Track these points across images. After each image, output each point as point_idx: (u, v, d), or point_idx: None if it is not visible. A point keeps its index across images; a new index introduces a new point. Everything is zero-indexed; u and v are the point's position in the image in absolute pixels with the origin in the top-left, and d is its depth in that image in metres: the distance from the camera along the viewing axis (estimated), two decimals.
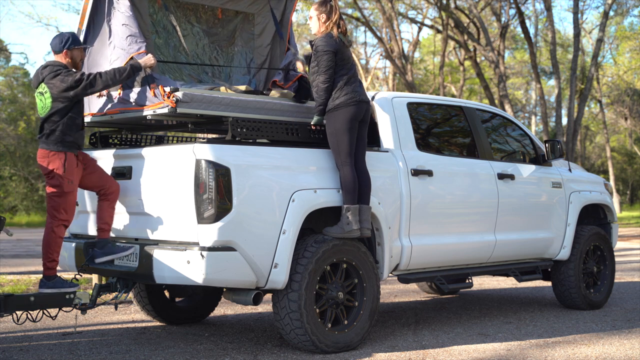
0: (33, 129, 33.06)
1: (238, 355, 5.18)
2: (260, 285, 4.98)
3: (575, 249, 7.14)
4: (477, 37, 26.70)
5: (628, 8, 32.35)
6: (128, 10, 5.30)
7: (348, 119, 5.28)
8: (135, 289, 6.25)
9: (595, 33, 34.05)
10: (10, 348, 5.43)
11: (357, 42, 36.01)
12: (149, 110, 5.08)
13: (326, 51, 5.31)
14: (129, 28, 5.27)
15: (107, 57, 5.38)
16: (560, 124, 26.29)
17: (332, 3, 5.44)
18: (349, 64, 5.45)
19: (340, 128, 5.27)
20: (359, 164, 5.33)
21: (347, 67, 5.41)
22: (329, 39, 5.36)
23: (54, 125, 5.10)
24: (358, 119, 5.34)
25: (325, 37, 5.38)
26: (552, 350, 5.43)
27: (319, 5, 5.46)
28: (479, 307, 7.49)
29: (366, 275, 5.37)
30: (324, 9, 5.44)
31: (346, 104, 5.28)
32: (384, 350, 5.34)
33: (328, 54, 5.31)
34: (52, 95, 5.09)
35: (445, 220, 6.09)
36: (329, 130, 5.33)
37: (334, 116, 5.30)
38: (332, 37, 5.38)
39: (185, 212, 4.85)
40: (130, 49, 5.23)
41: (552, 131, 34.41)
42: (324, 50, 5.32)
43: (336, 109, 5.29)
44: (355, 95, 5.33)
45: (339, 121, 5.27)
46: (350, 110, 5.28)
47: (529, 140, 7.17)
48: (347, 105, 5.28)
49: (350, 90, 5.33)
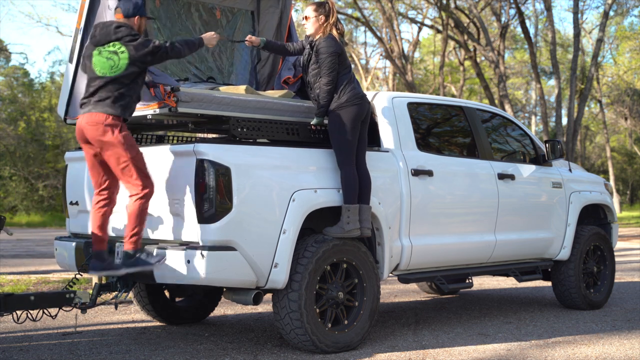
0: (33, 129, 33.07)
1: (238, 355, 5.18)
2: (260, 284, 4.98)
3: (575, 249, 7.14)
4: (477, 37, 26.70)
5: (628, 8, 32.38)
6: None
7: (352, 118, 5.29)
8: (135, 288, 6.25)
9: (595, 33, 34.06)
10: (10, 348, 5.43)
11: (357, 42, 36.04)
12: (149, 109, 5.08)
13: (331, 53, 5.32)
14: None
15: None
16: (560, 124, 26.29)
17: (329, 4, 5.45)
18: (349, 64, 5.48)
19: (344, 127, 5.27)
20: (360, 164, 5.34)
21: (348, 68, 5.45)
22: (332, 41, 5.37)
23: (123, 89, 4.79)
24: (361, 118, 5.35)
25: (328, 39, 5.38)
26: (552, 350, 5.43)
27: (317, 6, 5.46)
28: (479, 307, 7.49)
29: (366, 275, 5.37)
30: (322, 10, 5.44)
31: (351, 103, 5.30)
32: (384, 350, 5.34)
33: (333, 56, 5.32)
34: (130, 57, 4.79)
35: (446, 220, 6.09)
36: (332, 128, 5.33)
37: (338, 115, 5.30)
38: (334, 39, 5.39)
39: (186, 212, 4.85)
40: None
41: (552, 131, 34.40)
42: (329, 52, 5.33)
43: (340, 108, 5.30)
44: (359, 95, 5.35)
45: (343, 120, 5.28)
46: (354, 109, 5.30)
47: (529, 140, 7.17)
48: (352, 105, 5.30)
49: (352, 89, 5.35)
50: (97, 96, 4.83)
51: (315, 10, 5.45)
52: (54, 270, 10.43)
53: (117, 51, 4.82)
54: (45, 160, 32.68)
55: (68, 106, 5.58)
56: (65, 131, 32.15)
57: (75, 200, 5.71)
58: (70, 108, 5.57)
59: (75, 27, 5.52)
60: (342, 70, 5.39)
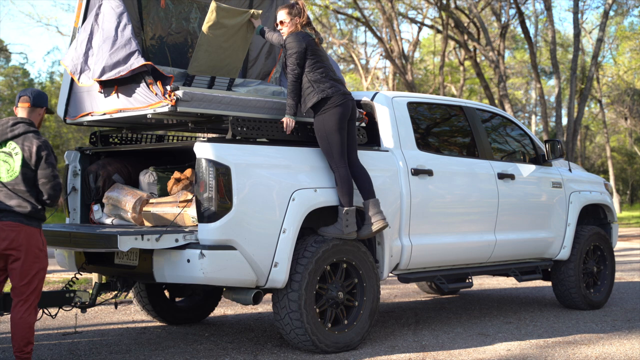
0: None
1: (238, 355, 5.17)
2: (260, 284, 4.97)
3: (575, 249, 7.13)
4: (477, 37, 26.69)
5: (628, 8, 32.35)
6: (115, 9, 5.20)
7: (337, 119, 5.22)
8: (136, 288, 6.24)
9: (595, 33, 34.04)
10: (10, 348, 5.42)
11: (357, 42, 36.02)
12: (149, 109, 5.07)
13: (291, 54, 5.24)
14: (114, 27, 5.15)
15: (94, 56, 5.29)
16: (560, 124, 26.29)
17: (299, 5, 5.40)
18: (320, 59, 5.33)
19: (330, 130, 5.21)
20: (353, 161, 5.30)
21: (319, 64, 5.31)
22: (295, 37, 5.29)
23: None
24: (347, 118, 5.30)
25: (291, 37, 5.31)
26: (552, 350, 5.42)
27: (289, 9, 5.40)
28: (479, 307, 7.49)
29: (366, 275, 5.36)
30: (294, 11, 5.38)
31: (333, 104, 5.22)
32: (384, 350, 5.34)
33: (293, 56, 5.24)
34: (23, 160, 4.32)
35: (445, 220, 6.09)
36: (319, 133, 5.27)
37: (322, 119, 5.24)
38: (298, 35, 5.30)
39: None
40: (119, 48, 5.10)
41: (552, 131, 34.41)
42: (290, 52, 5.25)
43: (324, 112, 5.23)
44: (338, 93, 5.26)
45: (328, 123, 5.22)
46: (337, 110, 5.23)
47: (529, 140, 7.17)
48: (334, 106, 5.23)
49: (330, 87, 5.25)
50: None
51: (289, 14, 5.39)
52: (54, 270, 10.42)
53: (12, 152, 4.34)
54: None
55: (67, 106, 5.57)
56: (65, 131, 32.15)
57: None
58: (69, 108, 5.57)
59: (73, 27, 5.52)
60: (312, 66, 5.29)
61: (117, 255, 5.25)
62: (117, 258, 5.25)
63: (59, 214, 7.55)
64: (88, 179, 5.67)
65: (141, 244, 4.60)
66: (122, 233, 4.58)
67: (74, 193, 5.75)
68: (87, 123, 5.62)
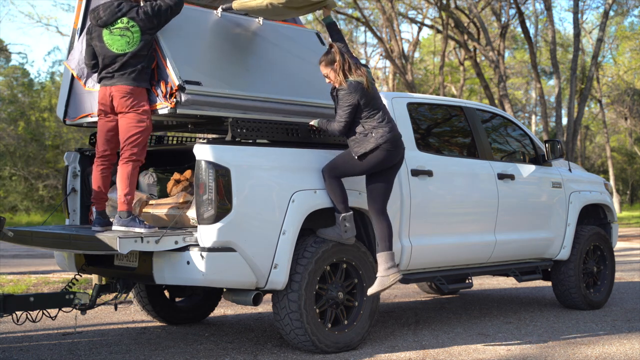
0: (33, 129, 33.05)
1: (238, 355, 5.18)
2: (260, 285, 4.97)
3: (575, 249, 7.14)
4: (477, 37, 26.70)
5: (628, 8, 32.36)
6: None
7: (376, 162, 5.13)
8: (136, 289, 6.25)
9: (595, 33, 34.06)
10: (10, 348, 5.43)
11: (357, 42, 36.03)
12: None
13: (349, 104, 5.08)
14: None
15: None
16: (560, 124, 26.30)
17: (333, 50, 5.17)
18: (375, 104, 5.17)
19: (387, 175, 5.19)
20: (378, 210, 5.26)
21: (375, 108, 5.16)
22: (348, 89, 5.08)
23: (143, 61, 4.93)
24: (387, 165, 5.20)
25: (344, 91, 5.10)
26: (552, 350, 5.43)
27: (326, 61, 5.17)
28: (479, 307, 7.49)
29: (366, 275, 5.37)
30: (330, 58, 5.16)
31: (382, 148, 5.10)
32: (384, 350, 5.34)
33: (350, 106, 5.08)
34: (141, 28, 4.92)
35: (445, 221, 6.09)
36: (372, 170, 5.17)
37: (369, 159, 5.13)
38: (351, 86, 5.08)
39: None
40: None
41: (552, 131, 34.40)
42: (346, 103, 5.09)
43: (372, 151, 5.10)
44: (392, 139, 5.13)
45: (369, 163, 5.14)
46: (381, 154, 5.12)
47: (529, 140, 7.17)
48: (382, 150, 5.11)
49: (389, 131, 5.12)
50: (121, 71, 4.95)
51: (326, 66, 5.18)
52: (54, 270, 10.43)
53: (128, 26, 4.94)
54: (45, 160, 32.67)
55: (67, 107, 5.57)
56: (65, 131, 32.13)
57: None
58: (69, 109, 5.56)
59: (72, 27, 5.52)
60: (367, 116, 5.13)
61: (117, 256, 5.25)
62: (117, 259, 5.25)
63: (58, 214, 7.55)
64: (88, 180, 5.67)
65: (141, 247, 4.60)
66: (122, 235, 4.58)
67: (74, 194, 5.75)
68: (87, 124, 5.61)
